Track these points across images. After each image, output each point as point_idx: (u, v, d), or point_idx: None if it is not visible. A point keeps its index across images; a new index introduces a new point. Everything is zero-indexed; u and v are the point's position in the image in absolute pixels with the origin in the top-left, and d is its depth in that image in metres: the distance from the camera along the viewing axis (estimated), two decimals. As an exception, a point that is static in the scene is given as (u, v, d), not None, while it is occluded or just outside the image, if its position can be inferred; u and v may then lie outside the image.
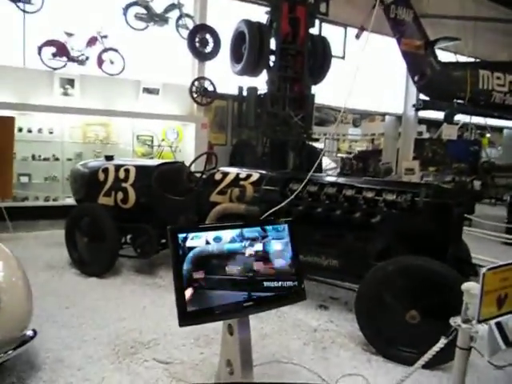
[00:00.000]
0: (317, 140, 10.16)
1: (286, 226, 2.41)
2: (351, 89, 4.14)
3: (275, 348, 3.32)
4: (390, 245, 3.50)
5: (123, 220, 4.72)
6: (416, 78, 10.73)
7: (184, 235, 2.05)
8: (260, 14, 9.87)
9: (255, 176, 4.12)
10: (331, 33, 12.03)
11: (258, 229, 2.28)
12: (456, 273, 2.96)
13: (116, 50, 8.61)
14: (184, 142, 9.70)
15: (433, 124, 14.98)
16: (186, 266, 2.02)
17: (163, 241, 4.78)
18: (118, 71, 8.69)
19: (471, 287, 1.53)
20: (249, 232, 2.24)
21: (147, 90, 9.23)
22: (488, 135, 19.01)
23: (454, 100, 11.15)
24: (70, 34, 8.06)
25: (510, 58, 15.42)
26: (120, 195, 4.78)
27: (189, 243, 2.05)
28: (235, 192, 4.03)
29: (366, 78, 12.85)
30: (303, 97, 9.55)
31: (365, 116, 16.85)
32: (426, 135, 17.25)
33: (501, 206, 11.33)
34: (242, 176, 4.18)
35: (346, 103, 13.15)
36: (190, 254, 2.04)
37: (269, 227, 2.34)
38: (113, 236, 4.61)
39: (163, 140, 9.30)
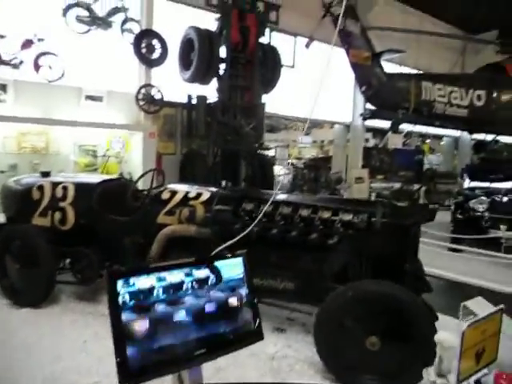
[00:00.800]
0: (268, 149, 10.05)
1: (240, 259, 2.19)
2: (315, 99, 3.92)
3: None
4: (348, 266, 3.40)
5: (61, 243, 4.29)
6: (363, 89, 10.93)
7: (124, 280, 1.77)
8: (210, 21, 9.69)
9: (206, 195, 3.88)
10: (281, 42, 12.12)
11: (210, 266, 2.04)
12: (416, 297, 2.90)
13: (54, 55, 8.03)
14: (131, 152, 9.24)
15: (379, 132, 15.47)
16: (126, 316, 1.74)
17: (107, 263, 4.40)
18: (57, 77, 8.11)
19: (444, 339, 1.41)
20: (199, 271, 2.00)
21: (90, 98, 8.71)
22: (428, 141, 20.01)
23: (399, 110, 11.48)
24: (1, 36, 7.41)
25: (449, 71, 16.33)
26: (57, 215, 4.35)
27: (129, 289, 1.77)
28: (184, 212, 3.77)
29: (315, 87, 13.11)
30: (254, 106, 9.44)
31: (315, 124, 17.10)
32: (372, 142, 17.81)
33: (443, 211, 11.83)
34: (191, 195, 3.92)
35: (296, 112, 13.37)
36: (131, 302, 1.76)
37: (221, 263, 2.11)
38: (49, 261, 4.17)
39: (108, 150, 8.80)
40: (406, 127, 14.94)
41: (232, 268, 2.16)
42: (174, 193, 4.00)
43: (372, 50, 10.91)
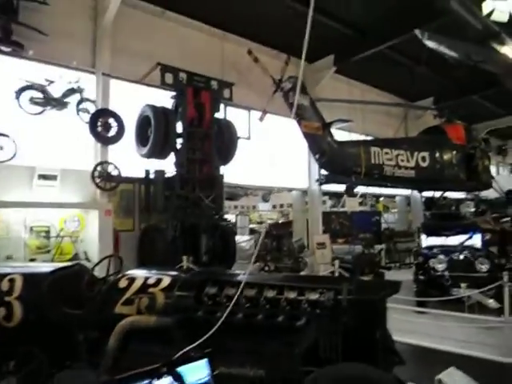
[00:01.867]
0: (228, 221, 10.04)
1: (204, 361, 2.05)
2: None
3: None
4: (318, 347, 3.26)
5: (5, 342, 3.89)
6: (317, 156, 11.36)
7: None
8: (166, 99, 10.00)
9: (166, 280, 3.70)
10: (238, 115, 12.63)
11: (172, 374, 1.88)
12: (390, 377, 2.79)
13: (6, 136, 7.89)
14: (87, 231, 8.91)
15: (336, 196, 15.99)
16: None
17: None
18: (9, 157, 7.91)
19: None
20: (160, 381, 1.84)
21: (43, 177, 8.48)
22: (381, 199, 20.81)
23: (352, 174, 11.93)
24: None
25: (394, 135, 17.47)
26: (2, 312, 3.98)
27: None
28: (144, 301, 3.55)
29: (272, 156, 13.57)
30: (212, 178, 9.53)
31: (273, 191, 17.49)
32: (329, 203, 18.26)
33: (405, 269, 12.02)
34: (150, 281, 3.73)
35: (255, 181, 13.65)
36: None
37: (184, 367, 1.96)
38: (-11, 365, 3.74)
39: (62, 230, 8.44)
40: (360, 189, 15.60)
41: (196, 371, 2.02)
42: (132, 280, 3.79)
43: (322, 121, 11.51)
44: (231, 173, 12.27)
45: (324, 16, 12.00)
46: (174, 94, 9.65)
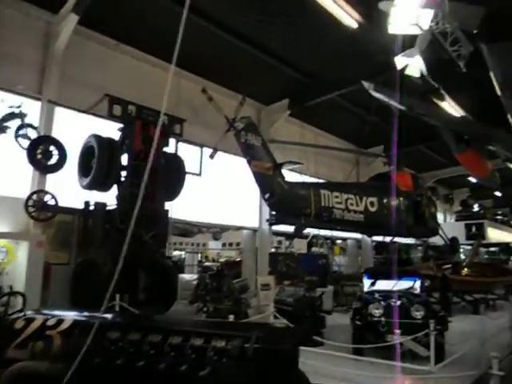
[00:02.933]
0: (170, 258, 9.71)
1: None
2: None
3: None
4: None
5: None
6: (267, 196, 11.36)
7: None
8: (113, 130, 9.82)
9: (67, 322, 3.40)
10: (189, 151, 12.59)
11: None
12: None
13: None
14: (16, 263, 8.32)
15: (290, 237, 15.99)
16: None
17: None
18: None
19: None
20: None
21: (-32, 205, 7.96)
22: (339, 241, 21.04)
23: (302, 216, 11.99)
24: None
25: (346, 179, 17.97)
26: None
27: None
28: (39, 345, 3.24)
29: (223, 194, 13.52)
30: (156, 213, 9.27)
31: (225, 229, 17.28)
32: (286, 243, 18.21)
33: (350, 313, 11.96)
34: (50, 323, 3.42)
35: (205, 218, 13.46)
36: None
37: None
38: None
39: (-16, 262, 7.84)
40: (311, 231, 15.71)
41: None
42: (29, 321, 3.46)
43: (273, 161, 11.63)
44: (180, 209, 12.09)
45: (281, 62, 12.46)
46: (121, 126, 9.48)
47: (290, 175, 14.00)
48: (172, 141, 11.89)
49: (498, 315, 9.75)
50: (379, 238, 17.49)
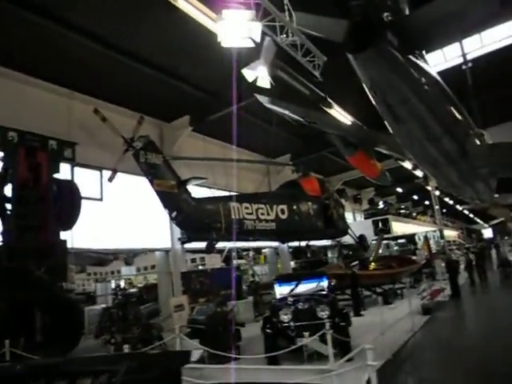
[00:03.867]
0: (70, 291, 9.04)
1: None
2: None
3: None
4: None
5: None
6: (173, 215, 11.12)
7: None
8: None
9: None
10: (88, 176, 11.95)
11: None
12: None
13: None
14: None
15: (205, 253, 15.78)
16: None
17: None
18: None
19: None
20: None
21: None
22: (265, 250, 21.25)
23: (212, 231, 11.90)
24: None
25: (257, 190, 18.30)
26: None
27: None
28: None
29: (131, 217, 12.99)
30: (50, 245, 8.60)
31: (137, 253, 16.60)
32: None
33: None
34: None
35: (113, 244, 12.81)
36: None
37: None
38: None
39: None
40: (227, 245, 15.70)
41: None
42: None
43: (177, 179, 11.44)
44: (84, 237, 11.38)
45: (179, 81, 12.36)
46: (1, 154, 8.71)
47: (200, 191, 13.93)
48: (67, 166, 11.25)
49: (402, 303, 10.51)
50: (295, 244, 17.96)
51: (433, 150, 8.12)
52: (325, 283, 9.59)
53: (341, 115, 11.12)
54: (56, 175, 9.38)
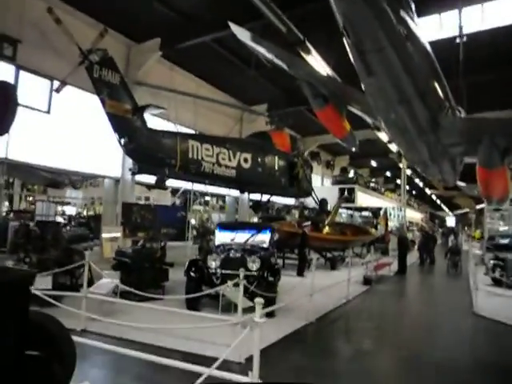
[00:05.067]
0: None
1: None
2: None
3: None
4: None
5: None
6: (123, 142, 10.34)
7: None
8: None
9: None
10: (35, 85, 10.87)
11: None
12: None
13: None
14: None
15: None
16: None
17: None
18: None
19: None
20: None
21: None
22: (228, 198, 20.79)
23: (165, 166, 11.24)
24: None
25: (226, 135, 17.50)
26: None
27: None
28: None
29: (82, 138, 12.07)
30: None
31: (87, 178, 15.78)
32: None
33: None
34: None
35: (59, 163, 11.96)
36: None
37: None
38: None
39: None
40: (184, 185, 15.08)
41: None
42: None
43: (133, 103, 10.56)
44: (24, 150, 10.51)
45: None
46: None
47: (165, 126, 13.03)
48: (11, 68, 10.13)
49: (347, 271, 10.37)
50: (256, 197, 17.54)
51: (403, 114, 7.56)
52: (267, 236, 9.20)
53: (317, 63, 10.29)
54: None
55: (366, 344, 6.25)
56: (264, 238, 9.15)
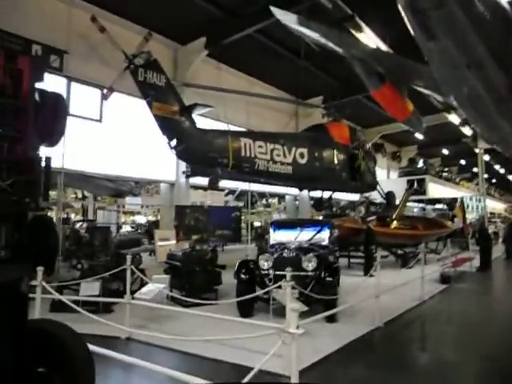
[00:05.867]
0: (43, 209, 8.39)
1: None
2: None
3: None
4: None
5: None
6: (173, 144, 10.15)
7: None
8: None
9: None
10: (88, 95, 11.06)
11: None
12: None
13: None
14: None
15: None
16: None
17: None
18: None
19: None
20: None
21: None
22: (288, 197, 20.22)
23: (217, 166, 10.90)
24: None
25: (280, 131, 16.89)
26: None
27: None
28: None
29: (134, 144, 12.14)
30: (25, 159, 7.89)
31: (143, 184, 15.93)
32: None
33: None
34: None
35: (113, 170, 12.09)
36: None
37: None
38: None
39: None
40: (239, 186, 14.70)
41: None
42: None
43: (180, 104, 10.34)
44: (79, 160, 10.70)
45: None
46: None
47: (218, 127, 12.77)
48: (63, 81, 10.38)
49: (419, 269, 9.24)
50: (317, 195, 16.72)
51: (475, 82, 6.46)
52: (326, 233, 8.44)
53: (371, 41, 9.34)
54: (43, 86, 8.48)
55: (446, 354, 5.27)
56: (323, 236, 8.43)
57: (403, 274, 10.69)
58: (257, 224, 21.20)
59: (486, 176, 27.25)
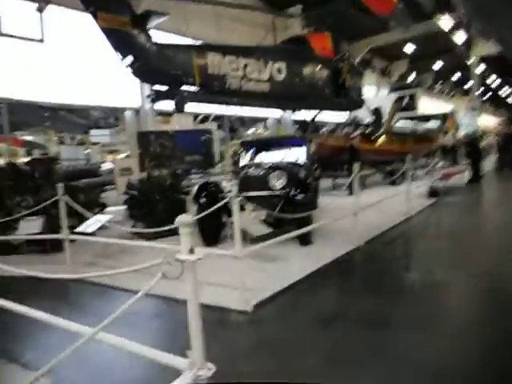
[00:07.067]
0: None
1: None
2: None
3: None
4: None
5: None
6: (128, 61, 8.91)
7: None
8: None
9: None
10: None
11: None
12: None
13: None
14: None
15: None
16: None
17: None
18: None
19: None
20: None
21: None
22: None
23: (181, 85, 9.76)
24: None
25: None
26: None
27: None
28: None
29: (91, 68, 10.79)
30: None
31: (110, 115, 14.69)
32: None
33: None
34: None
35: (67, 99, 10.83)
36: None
37: None
38: None
39: None
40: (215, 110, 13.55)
41: None
42: None
43: (131, 13, 8.94)
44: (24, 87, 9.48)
45: None
46: None
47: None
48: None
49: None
50: (301, 117, 15.62)
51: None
52: (303, 151, 7.56)
53: None
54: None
55: (433, 272, 4.62)
56: (299, 154, 7.56)
57: (391, 191, 10.05)
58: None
59: (481, 90, 25.95)
